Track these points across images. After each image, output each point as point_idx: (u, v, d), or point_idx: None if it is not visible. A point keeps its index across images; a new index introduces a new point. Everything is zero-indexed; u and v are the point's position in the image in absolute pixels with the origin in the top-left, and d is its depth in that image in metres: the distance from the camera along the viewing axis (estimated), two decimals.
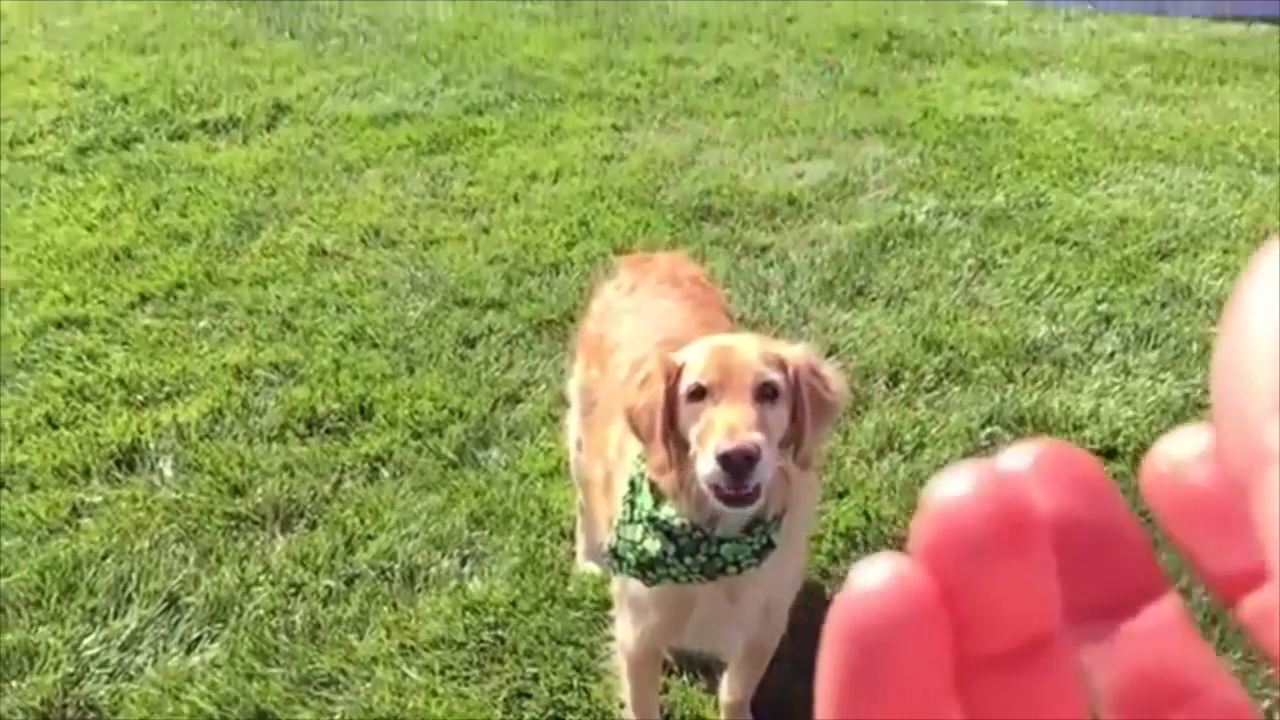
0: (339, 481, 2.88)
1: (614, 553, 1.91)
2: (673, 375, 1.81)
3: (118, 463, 2.92)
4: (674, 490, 1.84)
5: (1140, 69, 5.86)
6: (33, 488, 2.84)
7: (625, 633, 2.09)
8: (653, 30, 6.34)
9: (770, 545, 1.83)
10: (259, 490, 2.82)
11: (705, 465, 1.71)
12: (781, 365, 1.81)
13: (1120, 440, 3.05)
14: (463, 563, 2.64)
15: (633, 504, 1.92)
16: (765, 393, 1.77)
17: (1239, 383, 0.25)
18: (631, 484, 1.94)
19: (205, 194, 4.34)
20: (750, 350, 1.82)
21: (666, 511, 1.85)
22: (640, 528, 1.88)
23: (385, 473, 2.93)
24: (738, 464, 1.68)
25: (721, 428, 1.71)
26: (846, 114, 5.23)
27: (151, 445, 2.98)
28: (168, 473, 2.90)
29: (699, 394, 1.77)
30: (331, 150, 4.77)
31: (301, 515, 2.77)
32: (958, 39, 6.33)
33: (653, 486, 1.89)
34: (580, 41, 6.14)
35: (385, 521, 2.75)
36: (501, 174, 4.58)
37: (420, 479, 2.90)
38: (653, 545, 1.85)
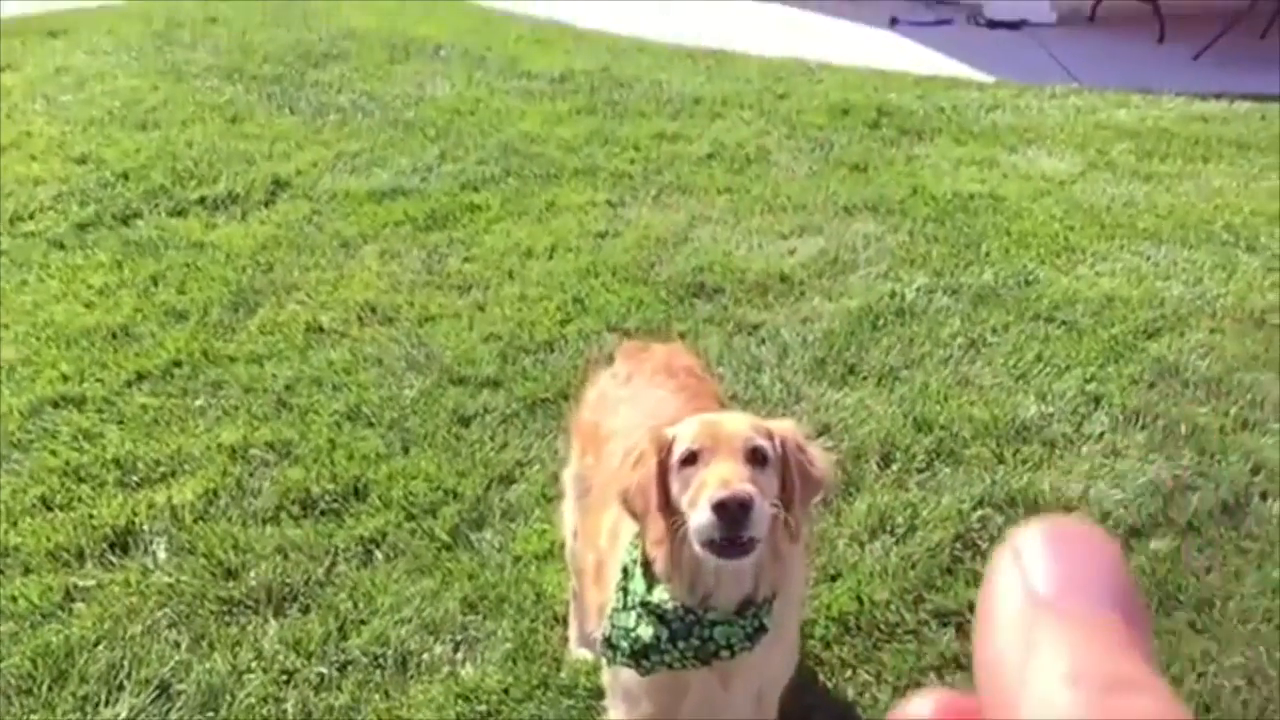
0: (333, 564, 2.89)
1: (608, 641, 1.93)
2: (665, 448, 1.85)
3: (112, 545, 2.93)
4: (668, 570, 1.87)
5: (1125, 146, 5.97)
6: (26, 571, 2.85)
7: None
8: (646, 106, 6.44)
9: (763, 628, 1.86)
10: (252, 573, 2.83)
11: (700, 517, 1.74)
12: (769, 435, 1.85)
13: (1111, 523, 3.07)
14: (455, 648, 2.64)
15: (626, 591, 1.94)
16: (755, 457, 1.81)
17: (996, 680, 0.34)
18: (625, 570, 1.97)
19: (203, 270, 4.38)
20: (739, 421, 1.89)
21: (659, 595, 1.88)
22: (634, 614, 1.90)
23: (379, 555, 2.94)
24: (732, 511, 1.71)
25: (714, 481, 1.75)
26: (837, 190, 5.31)
27: (146, 527, 2.99)
28: (161, 555, 2.90)
29: (691, 459, 1.81)
30: (329, 226, 4.82)
31: (295, 599, 2.77)
32: (945, 116, 6.45)
33: (646, 570, 1.92)
34: (575, 117, 6.24)
35: (378, 606, 2.75)
36: (497, 250, 4.64)
37: (414, 561, 2.91)
38: (646, 631, 1.87)
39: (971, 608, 2.72)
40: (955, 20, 8.84)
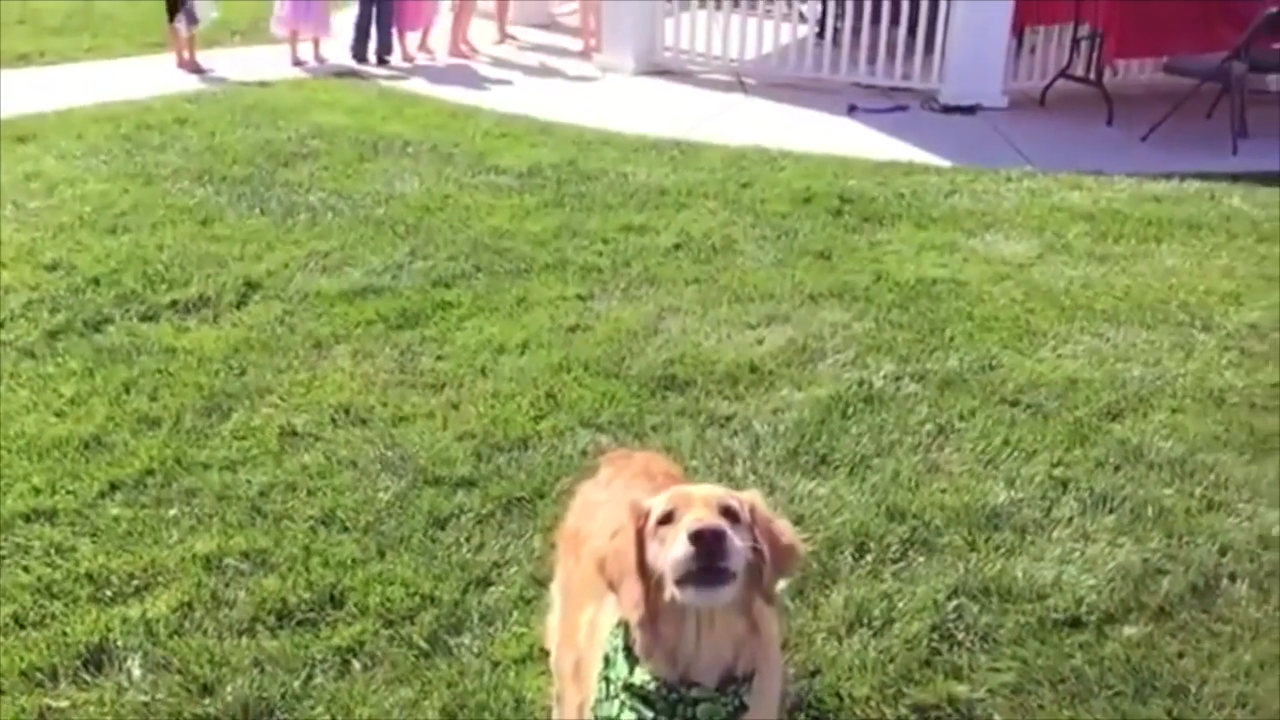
0: (310, 676, 2.87)
1: None
2: (642, 516, 1.94)
3: (85, 663, 2.89)
4: (648, 643, 1.92)
5: (1080, 228, 6.13)
6: None
7: None
8: (613, 199, 6.55)
9: (744, 706, 1.91)
10: (229, 689, 2.80)
11: (676, 550, 1.82)
12: (739, 501, 1.95)
13: (1084, 609, 3.11)
14: None
15: (608, 680, 1.97)
16: (728, 513, 1.90)
17: None
18: (606, 660, 2.00)
19: (176, 376, 4.38)
20: (711, 487, 2.03)
21: (641, 677, 1.92)
22: (616, 702, 1.93)
23: (357, 665, 2.92)
24: (707, 540, 1.80)
25: (689, 520, 1.84)
26: (803, 279, 5.41)
27: (120, 643, 2.96)
28: (136, 673, 2.87)
29: (667, 519, 1.90)
30: (301, 327, 4.85)
31: (272, 714, 2.75)
32: (905, 201, 6.59)
33: (628, 652, 1.95)
34: (543, 211, 6.33)
35: (357, 718, 2.73)
36: (469, 348, 4.68)
37: (392, 670, 2.90)
38: (629, 717, 1.91)
39: (951, 701, 2.76)
40: (911, 106, 9.08)
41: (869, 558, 3.36)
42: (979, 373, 4.47)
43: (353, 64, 10.03)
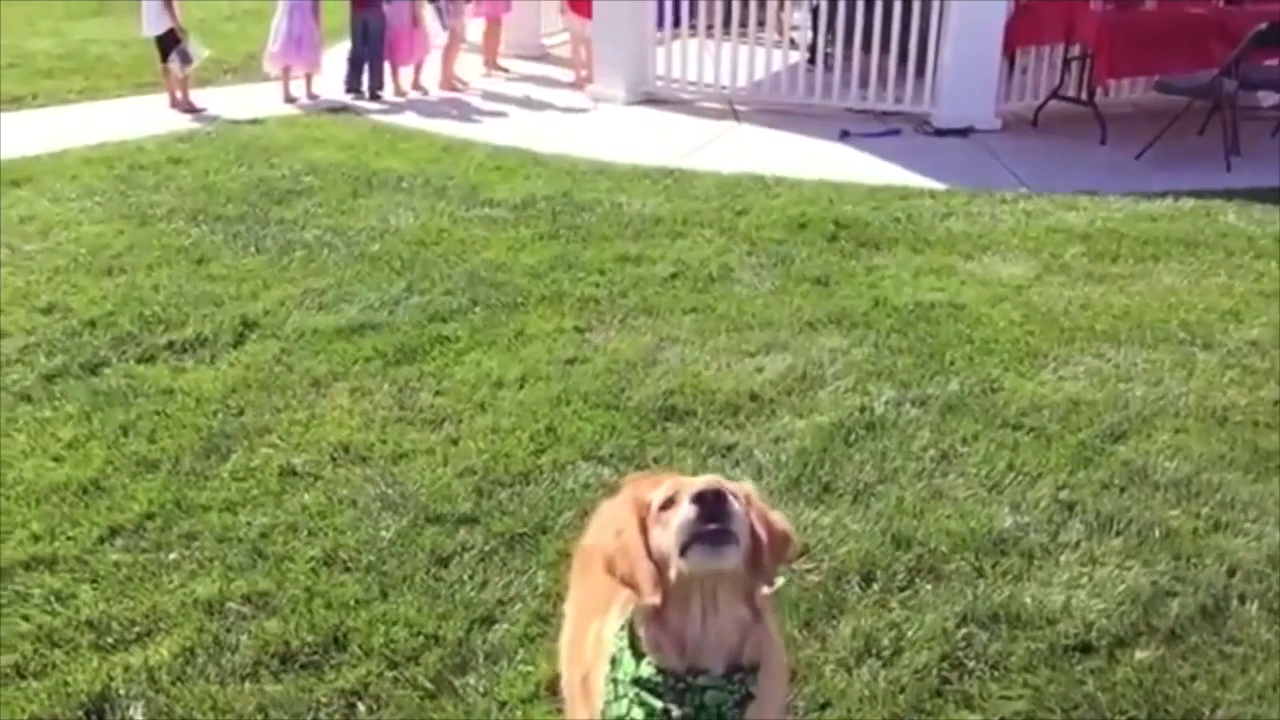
0: None
1: None
2: (644, 507, 1.98)
3: (88, 713, 2.86)
4: (657, 632, 1.93)
5: (1077, 249, 6.13)
6: None
7: None
8: (608, 229, 6.55)
9: (750, 695, 1.94)
10: None
11: (680, 516, 1.86)
12: (735, 488, 1.96)
13: (1094, 634, 3.09)
14: None
15: (616, 681, 1.99)
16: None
17: None
18: (613, 661, 2.02)
19: (174, 418, 4.36)
20: (708, 476, 2.02)
21: (648, 670, 1.94)
22: (625, 701, 1.95)
23: (362, 708, 2.89)
24: (710, 501, 1.84)
25: (690, 489, 1.89)
26: (801, 306, 5.41)
27: (122, 692, 2.92)
28: None
29: (667, 505, 1.93)
30: (299, 365, 4.83)
31: None
32: (901, 225, 6.60)
33: (634, 650, 1.97)
34: (539, 244, 6.33)
35: None
36: (468, 382, 4.66)
37: (398, 712, 2.87)
38: (639, 714, 1.93)
39: None
40: (904, 130, 9.11)
41: (876, 587, 3.33)
42: (980, 396, 4.46)
43: (345, 99, 10.06)
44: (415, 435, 4.25)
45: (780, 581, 2.08)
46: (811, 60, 10.41)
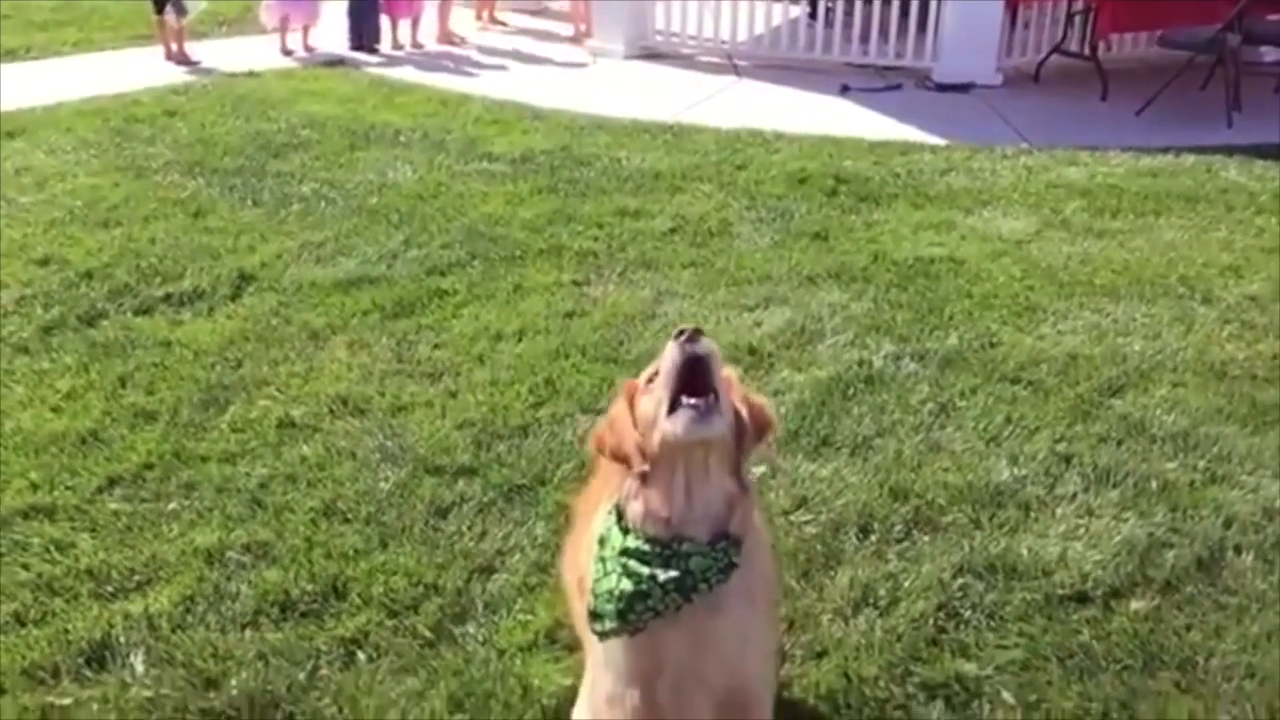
0: (315, 668, 2.85)
1: (593, 614, 2.04)
2: (632, 388, 2.08)
3: (88, 660, 2.87)
4: (644, 497, 1.99)
5: (1077, 204, 6.10)
6: (1, 692, 2.79)
7: None
8: (607, 184, 6.51)
9: (734, 564, 1.99)
10: (234, 682, 2.79)
11: (667, 358, 1.95)
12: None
13: (1090, 584, 3.10)
14: None
15: (604, 560, 2.04)
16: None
17: None
18: (600, 540, 2.08)
19: (171, 369, 4.36)
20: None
21: (634, 541, 2.00)
22: (614, 575, 2.00)
23: (362, 656, 2.90)
24: (693, 340, 1.95)
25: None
26: (800, 260, 5.39)
27: (122, 639, 2.94)
28: (139, 668, 2.85)
29: (654, 379, 2.02)
30: (296, 318, 4.82)
31: (278, 707, 2.73)
32: (901, 180, 6.57)
33: (620, 523, 2.04)
34: (537, 198, 6.30)
35: (364, 709, 2.71)
36: (466, 335, 4.65)
37: (397, 661, 2.88)
38: (627, 584, 1.98)
39: (959, 679, 2.75)
40: (904, 85, 9.04)
41: (873, 538, 3.34)
42: (979, 351, 4.45)
43: (343, 53, 9.97)
44: (414, 388, 4.25)
45: (762, 469, 2.15)
46: (812, 15, 10.32)
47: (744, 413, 2.04)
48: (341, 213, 6.06)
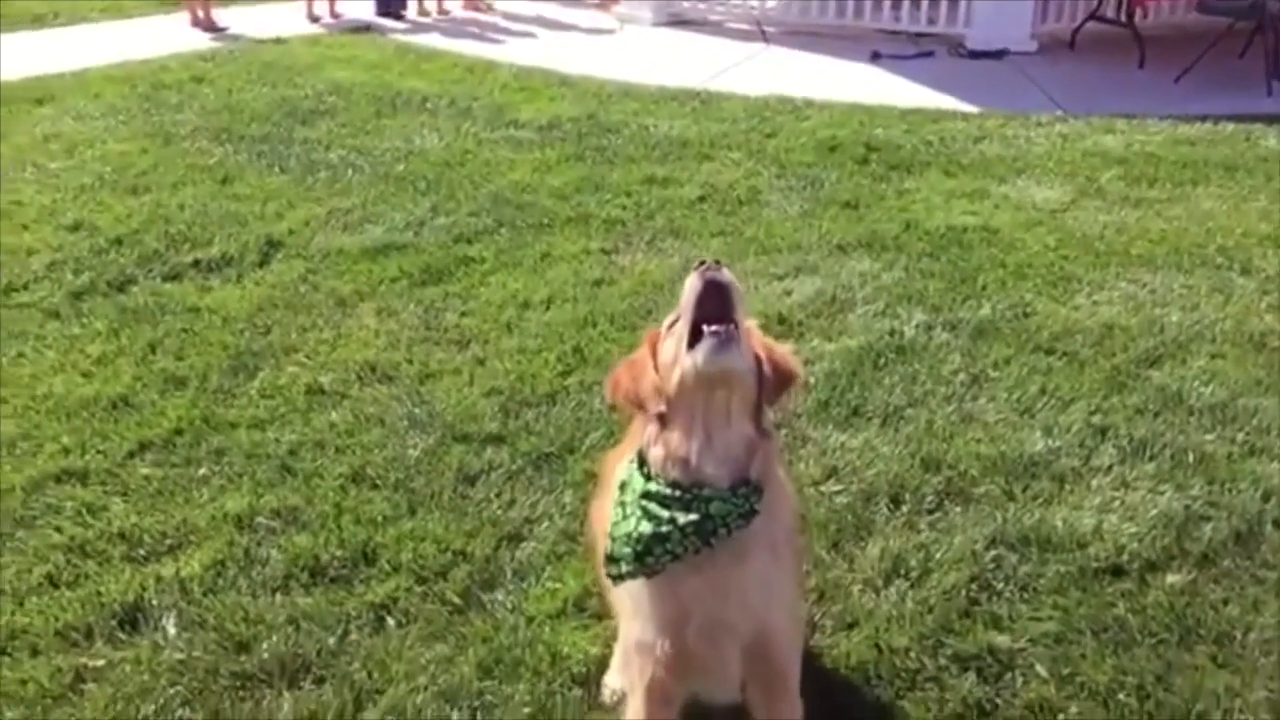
0: (345, 633, 2.85)
1: (610, 558, 2.05)
2: (654, 336, 2.09)
3: (121, 622, 2.89)
4: (661, 454, 1.99)
5: (1114, 173, 6.01)
6: (35, 652, 2.80)
7: (632, 684, 2.19)
8: (635, 151, 6.47)
9: (754, 511, 1.98)
10: (264, 646, 2.79)
11: (688, 290, 1.97)
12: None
13: (1126, 557, 3.06)
14: (473, 715, 2.60)
15: (624, 504, 2.05)
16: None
17: None
18: (622, 486, 2.08)
19: (201, 335, 4.36)
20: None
21: (657, 485, 2.00)
22: (634, 519, 2.00)
23: (391, 622, 2.90)
24: (713, 271, 1.97)
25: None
26: (830, 229, 5.33)
27: (154, 602, 2.95)
28: (171, 631, 2.86)
29: (675, 324, 2.03)
30: (324, 285, 4.81)
31: (308, 671, 2.73)
32: (933, 148, 6.49)
33: (641, 465, 2.04)
34: (564, 165, 6.26)
35: (393, 674, 2.71)
36: (494, 303, 4.63)
37: (427, 627, 2.88)
38: (646, 526, 1.98)
39: (992, 651, 2.72)
40: (937, 52, 8.92)
41: (904, 509, 3.31)
42: (1013, 321, 4.39)
43: (369, 19, 9.93)
44: (442, 355, 4.24)
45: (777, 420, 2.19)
46: None
47: (765, 361, 2.04)
48: (368, 180, 6.04)
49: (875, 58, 8.68)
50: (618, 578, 2.06)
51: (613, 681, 2.63)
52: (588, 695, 2.64)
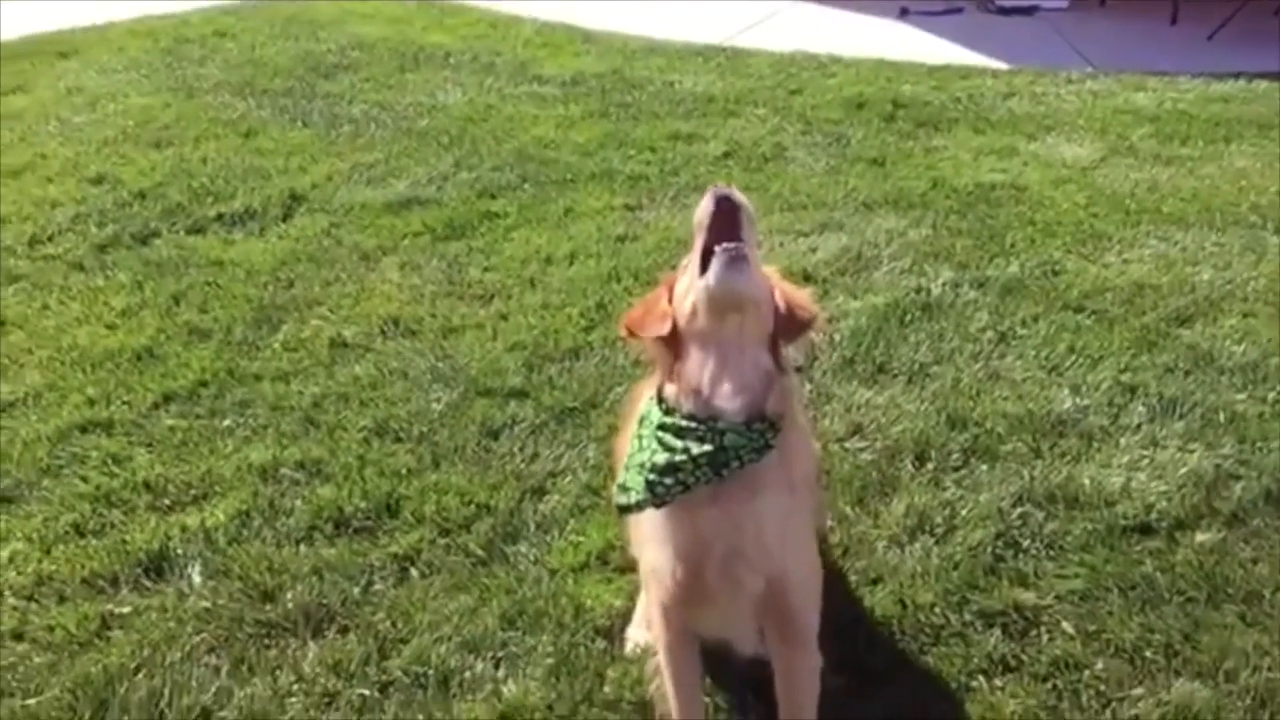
0: (369, 583, 2.86)
1: (622, 487, 2.06)
2: (672, 281, 2.12)
3: (146, 570, 2.91)
4: (676, 388, 2.01)
5: (1145, 130, 5.91)
6: (62, 600, 2.83)
7: (653, 611, 2.21)
8: (659, 107, 6.40)
9: (769, 445, 1.98)
10: (289, 595, 2.81)
11: (700, 207, 2.02)
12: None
13: (1154, 516, 3.03)
14: (497, 665, 2.61)
15: (641, 436, 2.06)
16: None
17: None
18: (640, 419, 2.10)
19: (225, 288, 4.36)
20: None
21: (672, 418, 2.01)
22: (648, 451, 2.01)
23: (415, 573, 2.91)
24: (723, 191, 2.01)
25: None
26: (856, 186, 5.27)
27: (180, 551, 2.97)
28: (196, 579, 2.88)
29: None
30: (348, 239, 4.80)
31: (333, 620, 2.75)
32: (962, 105, 6.39)
33: (659, 402, 2.05)
34: (588, 121, 6.20)
35: (417, 624, 2.72)
36: (517, 258, 4.61)
37: (450, 578, 2.88)
38: (660, 456, 1.99)
39: (1018, 608, 2.70)
40: (966, 8, 8.78)
41: (929, 466, 3.29)
42: (1041, 279, 4.34)
43: None
44: (465, 310, 4.22)
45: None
46: None
47: (780, 297, 2.06)
48: (391, 134, 6.01)
49: (903, 14, 8.55)
50: (628, 507, 2.07)
51: (635, 635, 2.63)
52: (611, 648, 2.65)
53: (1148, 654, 2.60)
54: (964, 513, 3.07)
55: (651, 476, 1.99)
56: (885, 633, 2.69)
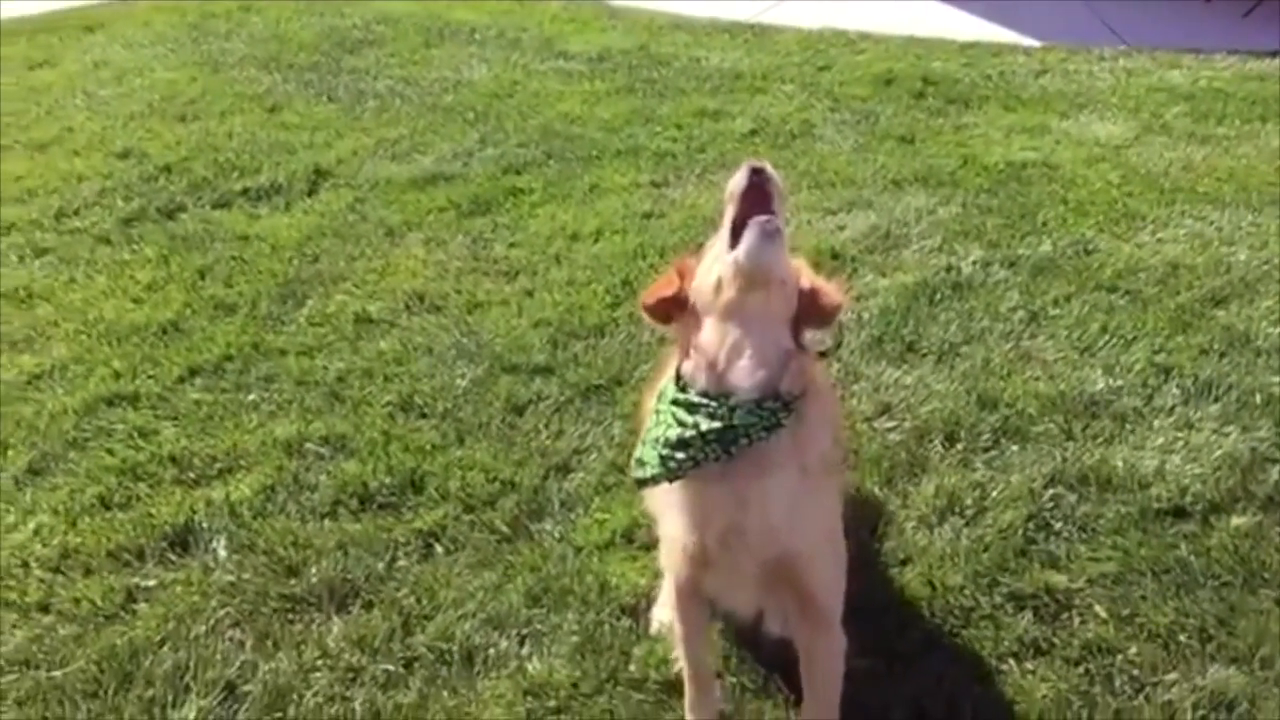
0: (393, 559, 2.85)
1: (638, 461, 2.07)
2: (682, 263, 2.15)
3: (172, 544, 2.91)
4: (693, 364, 2.00)
5: (1180, 109, 5.81)
6: (88, 572, 2.83)
7: (668, 562, 2.24)
8: (686, 84, 6.34)
9: (779, 424, 1.97)
10: (314, 570, 2.80)
11: (733, 179, 2.05)
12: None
13: (1189, 499, 2.98)
14: (521, 642, 2.60)
15: (658, 411, 2.07)
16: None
17: None
18: (660, 395, 2.11)
19: (250, 263, 4.35)
20: None
21: (690, 394, 2.00)
22: (664, 426, 2.01)
23: (439, 549, 2.90)
24: (757, 166, 2.03)
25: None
26: (885, 163, 5.21)
27: (205, 525, 2.97)
28: (221, 553, 2.88)
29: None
30: (372, 214, 4.78)
31: (357, 595, 2.74)
32: (993, 83, 6.30)
33: (677, 379, 2.05)
34: (614, 97, 6.15)
35: (441, 600, 2.71)
36: (542, 235, 4.58)
37: (475, 555, 2.87)
38: (673, 432, 1.98)
39: (1049, 590, 2.67)
40: None
41: (959, 446, 3.24)
42: (1073, 258, 4.27)
43: None
44: (490, 286, 4.20)
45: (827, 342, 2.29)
46: None
47: (806, 282, 2.07)
48: (416, 110, 5.98)
49: None
50: (644, 481, 2.07)
51: (660, 614, 2.61)
52: (636, 626, 2.63)
53: (1182, 639, 2.56)
54: (994, 494, 3.03)
55: (665, 451, 1.99)
56: (914, 614, 2.66)
